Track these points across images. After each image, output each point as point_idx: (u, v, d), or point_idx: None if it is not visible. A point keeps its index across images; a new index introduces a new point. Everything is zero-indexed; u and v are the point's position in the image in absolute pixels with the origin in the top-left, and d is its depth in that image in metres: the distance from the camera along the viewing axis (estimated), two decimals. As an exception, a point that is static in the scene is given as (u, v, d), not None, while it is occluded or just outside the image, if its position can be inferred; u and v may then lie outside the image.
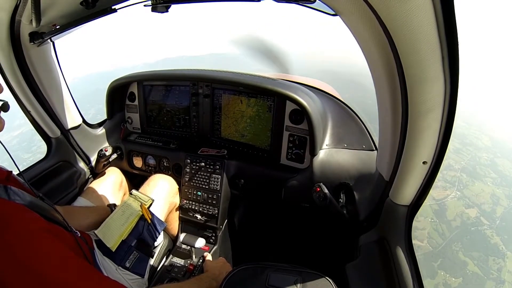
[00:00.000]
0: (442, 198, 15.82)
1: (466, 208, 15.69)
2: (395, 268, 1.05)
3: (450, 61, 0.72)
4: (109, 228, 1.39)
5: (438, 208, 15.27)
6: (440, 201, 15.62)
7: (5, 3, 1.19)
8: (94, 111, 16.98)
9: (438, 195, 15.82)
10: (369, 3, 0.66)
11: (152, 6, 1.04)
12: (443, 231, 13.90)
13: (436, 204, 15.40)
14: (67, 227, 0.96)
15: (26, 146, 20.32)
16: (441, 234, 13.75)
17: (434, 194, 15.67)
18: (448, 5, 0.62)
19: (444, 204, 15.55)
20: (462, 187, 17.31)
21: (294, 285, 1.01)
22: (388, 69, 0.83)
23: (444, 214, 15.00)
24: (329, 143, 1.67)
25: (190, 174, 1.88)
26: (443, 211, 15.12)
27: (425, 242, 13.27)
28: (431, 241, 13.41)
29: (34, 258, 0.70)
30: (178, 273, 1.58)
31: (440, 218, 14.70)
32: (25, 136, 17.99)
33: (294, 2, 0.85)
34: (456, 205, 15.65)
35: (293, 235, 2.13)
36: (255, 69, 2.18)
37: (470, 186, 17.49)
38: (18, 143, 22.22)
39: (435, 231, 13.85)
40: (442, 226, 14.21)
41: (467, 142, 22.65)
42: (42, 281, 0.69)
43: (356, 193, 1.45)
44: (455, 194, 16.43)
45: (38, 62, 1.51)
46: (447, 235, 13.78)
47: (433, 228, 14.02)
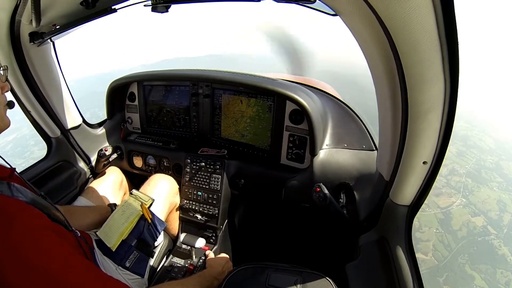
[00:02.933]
0: (447, 206, 15.29)
1: (472, 216, 15.09)
2: (395, 268, 1.05)
3: (450, 61, 0.71)
4: (110, 228, 1.39)
5: (443, 217, 14.71)
6: (445, 209, 15.07)
7: (5, 3, 1.19)
8: (89, 115, 16.83)
9: (443, 202, 15.30)
10: (369, 3, 0.66)
11: (152, 6, 1.04)
12: (448, 243, 13.37)
13: (441, 212, 14.86)
14: (67, 226, 0.96)
15: (20, 152, 20.16)
16: (446, 245, 13.23)
17: (439, 202, 15.17)
18: (448, 5, 0.62)
19: (450, 213, 14.99)
20: (467, 193, 16.56)
21: (294, 285, 1.01)
22: (388, 69, 0.83)
23: (450, 223, 14.44)
24: (329, 143, 1.67)
25: (190, 174, 1.88)
26: (448, 220, 14.58)
27: (430, 255, 12.72)
28: (436, 253, 12.86)
29: (39, 257, 0.70)
30: (178, 273, 1.58)
31: (445, 228, 14.16)
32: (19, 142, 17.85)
33: (294, 2, 0.85)
34: (462, 213, 15.10)
35: (293, 235, 2.13)
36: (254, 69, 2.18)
37: (476, 192, 16.87)
38: (12, 149, 21.96)
39: (440, 243, 13.33)
40: (447, 236, 13.69)
41: (470, 144, 22.07)
42: (46, 279, 0.69)
43: (356, 193, 1.45)
44: (460, 201, 15.84)
45: (38, 62, 1.51)
46: (452, 247, 13.23)
47: (438, 240, 13.50)
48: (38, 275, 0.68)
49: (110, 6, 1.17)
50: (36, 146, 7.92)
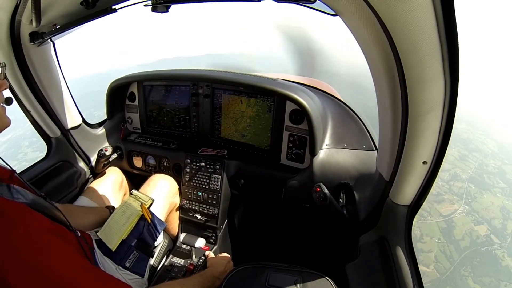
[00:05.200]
0: (449, 213, 14.77)
1: (475, 225, 14.57)
2: (395, 268, 1.05)
3: (450, 61, 0.72)
4: (111, 229, 1.39)
5: (445, 226, 14.21)
6: (447, 217, 14.56)
7: (5, 3, 1.19)
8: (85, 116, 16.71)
9: (445, 210, 14.82)
10: (369, 3, 0.66)
11: (152, 6, 1.04)
12: (451, 253, 12.87)
13: (443, 221, 14.36)
14: (68, 226, 0.96)
15: (13, 153, 19.83)
16: (448, 257, 12.74)
17: (441, 210, 14.69)
18: (448, 5, 0.62)
19: (452, 221, 14.47)
20: (470, 200, 15.96)
21: (294, 285, 1.01)
22: (388, 69, 0.83)
23: (452, 232, 13.81)
24: (329, 143, 1.67)
25: (190, 174, 1.88)
26: (450, 229, 14.09)
27: (432, 268, 12.22)
28: (438, 266, 12.22)
29: (39, 259, 0.70)
30: (178, 273, 1.58)
31: (447, 237, 13.66)
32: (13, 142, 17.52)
33: (294, 2, 0.85)
34: (465, 222, 14.58)
35: (293, 235, 2.13)
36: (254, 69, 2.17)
37: (479, 199, 16.33)
38: (6, 150, 21.81)
39: (442, 254, 12.82)
40: (449, 247, 13.18)
41: (472, 147, 21.46)
42: (47, 280, 0.69)
43: (356, 193, 1.45)
44: (463, 209, 15.31)
45: (38, 62, 1.51)
46: (455, 258, 12.64)
47: (440, 250, 12.98)
48: (39, 276, 0.68)
49: (110, 6, 1.17)
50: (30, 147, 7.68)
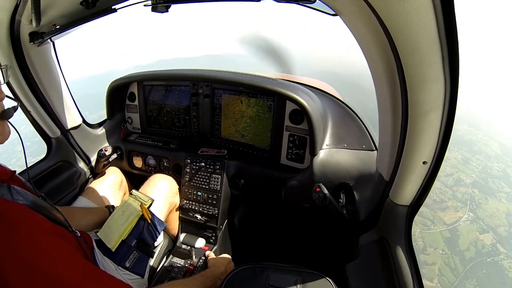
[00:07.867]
0: (453, 222, 14.31)
1: (481, 233, 14.05)
2: (395, 268, 1.05)
3: (451, 62, 0.72)
4: (110, 229, 1.39)
5: (449, 235, 13.68)
6: (451, 225, 14.07)
7: (5, 3, 1.19)
8: None
9: (449, 218, 14.37)
10: (369, 3, 0.67)
11: (152, 6, 1.04)
12: (455, 265, 12.37)
13: (447, 230, 13.86)
14: (68, 227, 0.96)
15: (6, 158, 19.53)
16: (453, 269, 12.23)
17: (445, 218, 14.21)
18: (448, 5, 0.62)
19: (456, 230, 13.95)
20: (474, 206, 15.54)
21: (294, 285, 1.01)
22: (388, 69, 0.83)
23: (456, 242, 13.40)
24: (329, 143, 1.67)
25: (190, 174, 1.88)
26: (455, 238, 13.57)
27: (436, 282, 11.70)
28: (442, 279, 11.82)
29: (40, 259, 0.70)
30: (178, 273, 1.58)
31: (452, 248, 13.15)
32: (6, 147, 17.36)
33: (294, 2, 0.85)
34: (470, 230, 14.04)
35: (293, 235, 2.13)
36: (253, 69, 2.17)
37: (484, 205, 15.77)
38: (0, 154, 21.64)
39: (446, 266, 12.35)
40: (454, 258, 12.68)
41: (476, 150, 20.93)
42: (48, 282, 0.69)
43: (356, 193, 1.45)
44: (467, 216, 14.84)
45: (38, 62, 1.51)
46: (460, 270, 12.20)
47: (445, 263, 12.50)
48: (40, 277, 0.68)
49: (110, 6, 1.17)
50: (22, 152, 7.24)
